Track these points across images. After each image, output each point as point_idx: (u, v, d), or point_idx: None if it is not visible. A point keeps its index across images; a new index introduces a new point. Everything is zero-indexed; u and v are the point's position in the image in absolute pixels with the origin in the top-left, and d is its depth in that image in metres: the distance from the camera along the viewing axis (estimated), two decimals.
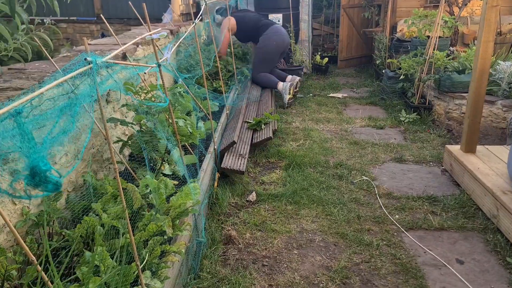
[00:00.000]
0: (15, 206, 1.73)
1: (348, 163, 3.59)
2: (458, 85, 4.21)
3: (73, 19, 7.64)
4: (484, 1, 2.95)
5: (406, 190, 3.15)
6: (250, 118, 4.19)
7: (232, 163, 3.22)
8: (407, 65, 4.86)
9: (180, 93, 2.61)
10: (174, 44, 2.50)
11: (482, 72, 3.07)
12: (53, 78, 1.16)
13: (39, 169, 1.04)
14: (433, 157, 3.70)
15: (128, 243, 1.65)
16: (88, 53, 1.19)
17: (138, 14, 2.68)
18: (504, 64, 4.01)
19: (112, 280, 1.49)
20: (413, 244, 2.52)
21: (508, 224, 2.49)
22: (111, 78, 1.46)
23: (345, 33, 7.20)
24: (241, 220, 2.77)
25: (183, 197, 1.99)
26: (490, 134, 3.97)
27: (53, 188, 1.09)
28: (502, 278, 2.22)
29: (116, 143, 2.61)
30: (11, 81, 2.01)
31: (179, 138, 2.35)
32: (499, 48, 5.00)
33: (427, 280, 2.22)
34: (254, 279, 2.23)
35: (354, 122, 4.69)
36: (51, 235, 1.84)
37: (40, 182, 1.06)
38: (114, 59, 1.33)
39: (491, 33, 2.99)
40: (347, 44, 7.33)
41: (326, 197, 3.03)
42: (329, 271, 2.28)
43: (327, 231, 2.65)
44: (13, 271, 1.48)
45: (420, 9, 5.06)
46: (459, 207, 2.87)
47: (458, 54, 4.65)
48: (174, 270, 1.87)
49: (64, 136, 1.14)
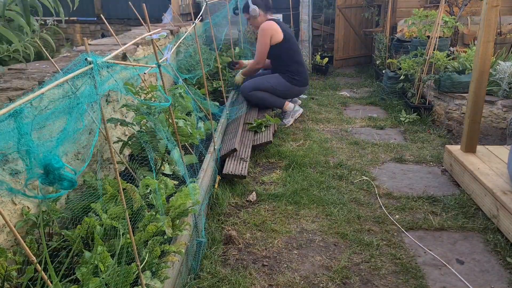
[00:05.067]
0: (15, 206, 1.73)
1: (348, 163, 3.59)
2: (458, 85, 4.22)
3: (73, 19, 7.64)
4: (484, 1, 2.95)
5: (406, 190, 3.15)
6: (251, 119, 4.18)
7: (233, 168, 3.22)
8: (407, 65, 4.86)
9: (180, 93, 2.61)
10: (174, 44, 2.50)
11: (482, 72, 3.07)
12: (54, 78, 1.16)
13: (52, 167, 1.05)
14: (433, 157, 3.70)
15: (128, 243, 1.65)
16: (89, 53, 1.19)
17: (138, 14, 2.68)
18: (504, 64, 4.01)
19: (112, 280, 1.49)
20: (413, 244, 2.52)
21: (508, 224, 2.49)
22: (111, 78, 1.46)
23: (341, 33, 7.23)
24: (241, 220, 2.77)
25: (183, 197, 1.99)
26: (490, 134, 3.98)
27: (69, 185, 1.09)
28: (502, 278, 2.22)
29: (116, 143, 2.61)
30: (12, 82, 2.01)
31: (179, 138, 2.35)
32: (499, 48, 5.00)
33: (427, 280, 2.22)
34: (254, 279, 2.23)
35: (354, 122, 4.69)
36: (51, 235, 1.85)
37: (54, 180, 1.06)
38: (114, 59, 1.33)
39: (491, 33, 2.99)
40: (343, 44, 7.35)
41: (326, 197, 3.03)
42: (329, 271, 2.29)
43: (327, 231, 2.65)
44: (13, 271, 1.48)
45: (420, 9, 5.07)
46: (459, 207, 2.87)
47: (458, 54, 4.66)
48: (174, 270, 1.87)
49: (73, 134, 1.15)
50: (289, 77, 4.47)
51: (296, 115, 4.66)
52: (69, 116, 1.15)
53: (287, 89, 4.51)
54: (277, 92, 4.50)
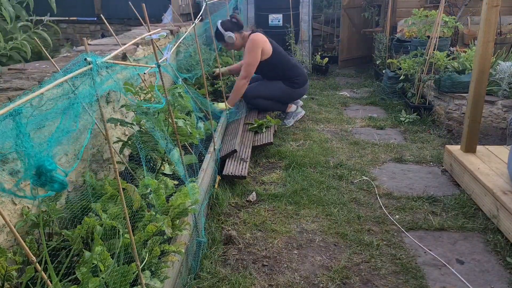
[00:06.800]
0: (15, 206, 1.73)
1: (348, 163, 3.59)
2: (458, 85, 4.21)
3: (73, 19, 7.64)
4: (484, 1, 2.95)
5: (406, 190, 3.15)
6: (251, 119, 4.18)
7: (233, 169, 3.23)
8: (407, 65, 4.86)
9: (179, 93, 2.61)
10: (174, 44, 2.50)
11: (482, 72, 3.07)
12: (53, 78, 1.16)
13: (45, 169, 1.05)
14: (433, 157, 3.70)
15: (128, 243, 1.65)
16: (88, 53, 1.19)
17: (138, 14, 2.68)
18: (504, 64, 4.01)
19: (111, 280, 1.49)
20: (413, 244, 2.52)
21: (508, 224, 2.49)
22: (111, 79, 1.47)
23: (345, 34, 7.20)
24: (241, 220, 2.77)
25: (182, 197, 1.99)
26: (490, 134, 3.97)
27: (59, 187, 1.09)
28: (502, 278, 2.22)
29: (116, 143, 2.61)
30: (11, 82, 2.01)
31: (179, 138, 2.35)
32: (499, 48, 5.00)
33: (427, 280, 2.22)
34: (254, 279, 2.23)
35: (354, 122, 4.69)
36: (51, 235, 1.84)
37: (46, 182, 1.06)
38: (114, 59, 1.33)
39: (491, 33, 2.99)
40: (348, 45, 7.33)
41: (326, 197, 3.03)
42: (329, 271, 2.28)
43: (327, 231, 2.65)
44: (13, 271, 1.48)
45: (420, 10, 5.07)
46: (459, 207, 2.87)
47: (458, 54, 4.65)
48: (174, 270, 1.87)
49: (67, 135, 1.14)
50: (290, 82, 4.45)
51: (298, 117, 4.67)
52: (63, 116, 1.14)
53: (290, 95, 4.52)
54: (281, 99, 4.51)
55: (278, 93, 4.45)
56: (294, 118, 4.63)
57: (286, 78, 4.45)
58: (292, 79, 4.45)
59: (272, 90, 4.43)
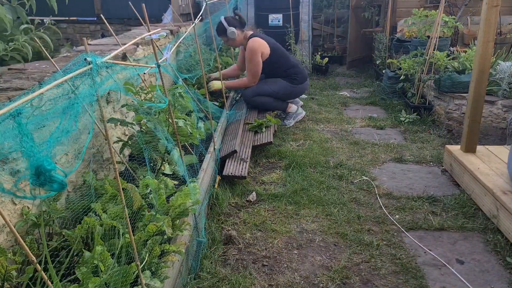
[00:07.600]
0: (15, 206, 1.73)
1: (348, 163, 3.59)
2: (458, 85, 4.21)
3: (73, 19, 7.64)
4: (484, 1, 2.95)
5: (406, 190, 3.15)
6: (251, 119, 4.18)
7: (233, 169, 3.23)
8: (407, 65, 4.86)
9: (180, 93, 2.61)
10: (174, 44, 2.50)
11: (482, 72, 3.07)
12: (53, 78, 1.16)
13: (44, 169, 1.05)
14: (433, 157, 3.70)
15: (128, 243, 1.65)
16: (88, 53, 1.19)
17: (138, 14, 2.68)
18: (504, 64, 4.01)
19: (111, 280, 1.49)
20: (413, 244, 2.52)
21: (508, 224, 2.49)
22: (111, 79, 1.47)
23: (353, 34, 7.11)
24: (241, 220, 2.77)
25: (183, 197, 1.99)
26: (490, 134, 3.98)
27: (59, 188, 1.09)
28: (502, 278, 2.22)
29: (116, 143, 2.61)
30: (11, 82, 2.01)
31: (179, 138, 2.35)
32: (499, 48, 5.00)
33: (427, 280, 2.22)
34: (254, 279, 2.23)
35: (354, 122, 4.69)
36: (51, 235, 1.85)
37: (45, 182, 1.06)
38: (114, 59, 1.33)
39: (491, 33, 2.99)
40: (355, 46, 7.26)
41: (326, 197, 3.03)
42: (329, 271, 2.28)
43: (327, 231, 2.65)
44: (13, 271, 1.48)
45: (420, 9, 5.07)
46: (459, 207, 2.87)
47: (458, 54, 4.65)
48: (174, 270, 1.87)
49: (67, 135, 1.14)
50: (290, 78, 4.50)
51: (298, 118, 4.67)
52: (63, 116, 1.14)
53: (290, 91, 4.53)
54: (280, 96, 4.51)
55: (278, 89, 4.47)
56: (295, 119, 4.62)
57: (286, 75, 4.50)
58: (292, 75, 4.51)
59: (271, 85, 4.47)
